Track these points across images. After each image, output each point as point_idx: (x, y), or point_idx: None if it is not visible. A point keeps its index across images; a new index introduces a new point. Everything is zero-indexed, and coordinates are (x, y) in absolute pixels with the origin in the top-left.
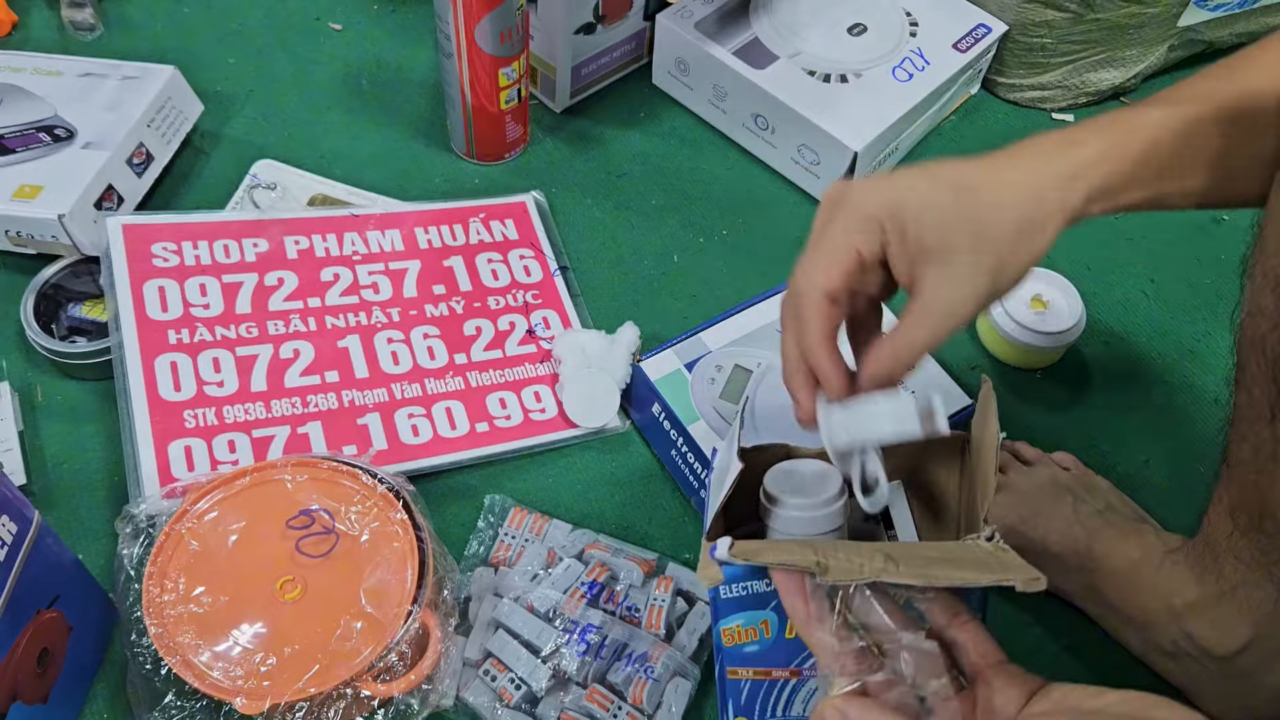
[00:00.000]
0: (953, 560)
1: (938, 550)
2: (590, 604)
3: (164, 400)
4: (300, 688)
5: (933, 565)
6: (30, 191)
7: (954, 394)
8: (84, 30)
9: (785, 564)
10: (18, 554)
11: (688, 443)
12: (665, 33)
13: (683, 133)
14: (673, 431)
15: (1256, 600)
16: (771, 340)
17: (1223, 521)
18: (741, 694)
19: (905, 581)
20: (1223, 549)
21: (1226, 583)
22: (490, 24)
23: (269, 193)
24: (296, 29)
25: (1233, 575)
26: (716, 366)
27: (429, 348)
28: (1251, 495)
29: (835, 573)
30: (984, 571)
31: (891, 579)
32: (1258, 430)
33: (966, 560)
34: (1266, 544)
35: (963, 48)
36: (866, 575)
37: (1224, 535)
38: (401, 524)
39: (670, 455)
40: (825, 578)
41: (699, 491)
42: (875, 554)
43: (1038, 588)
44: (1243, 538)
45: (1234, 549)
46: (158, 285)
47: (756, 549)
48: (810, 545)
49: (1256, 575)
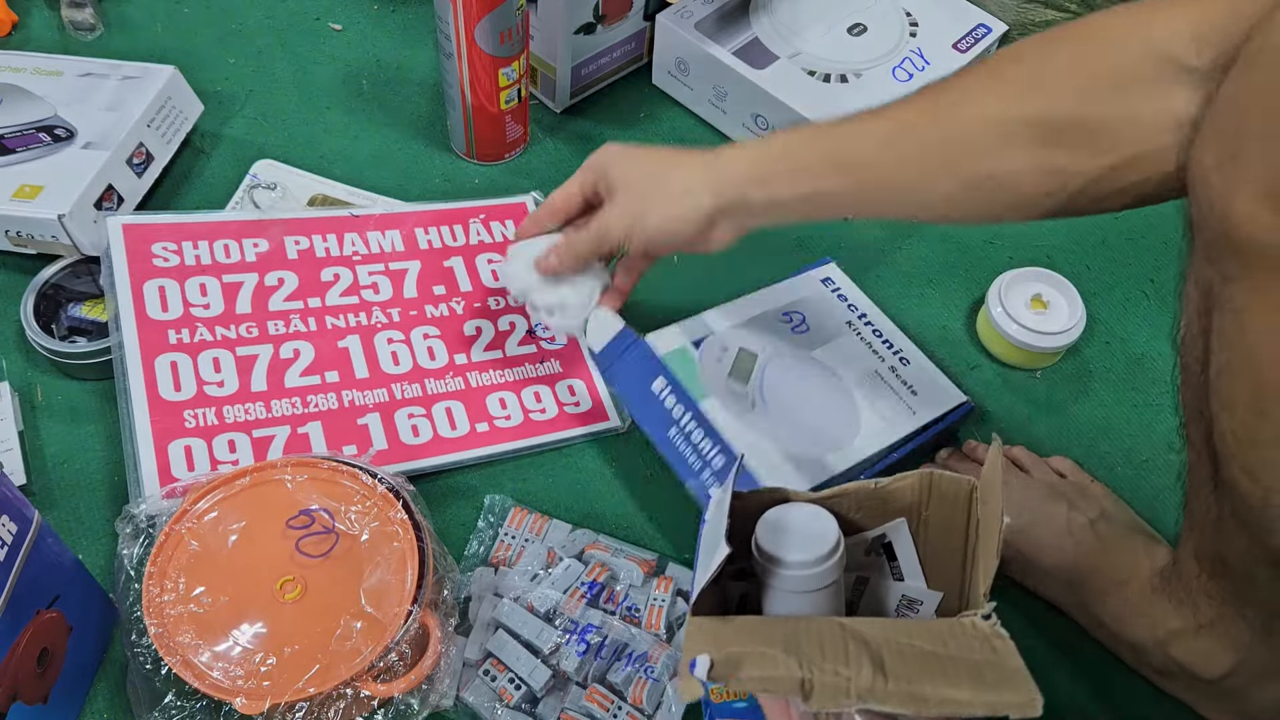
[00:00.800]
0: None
1: (933, 638)
2: (590, 604)
3: (164, 400)
4: (300, 688)
5: (926, 674)
6: (30, 191)
7: (951, 393)
8: (84, 30)
9: (768, 685)
10: (18, 554)
11: (695, 418)
12: (665, 33)
13: (683, 133)
14: (677, 408)
15: (1234, 634)
16: (772, 328)
17: (1190, 563)
18: None
19: (893, 710)
20: (1195, 588)
21: (1203, 617)
22: (490, 24)
23: (269, 193)
24: (296, 29)
25: (1208, 611)
26: (723, 347)
27: (429, 348)
28: (1210, 546)
29: (820, 696)
30: (976, 689)
31: (878, 705)
32: (1204, 494)
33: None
34: (1234, 588)
35: (963, 48)
36: (852, 699)
37: (1193, 576)
38: (401, 524)
39: (667, 436)
40: (809, 705)
41: (699, 474)
42: (864, 662)
43: (1031, 713)
44: (1211, 580)
45: (1205, 589)
46: (158, 285)
47: (735, 663)
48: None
49: (1229, 612)
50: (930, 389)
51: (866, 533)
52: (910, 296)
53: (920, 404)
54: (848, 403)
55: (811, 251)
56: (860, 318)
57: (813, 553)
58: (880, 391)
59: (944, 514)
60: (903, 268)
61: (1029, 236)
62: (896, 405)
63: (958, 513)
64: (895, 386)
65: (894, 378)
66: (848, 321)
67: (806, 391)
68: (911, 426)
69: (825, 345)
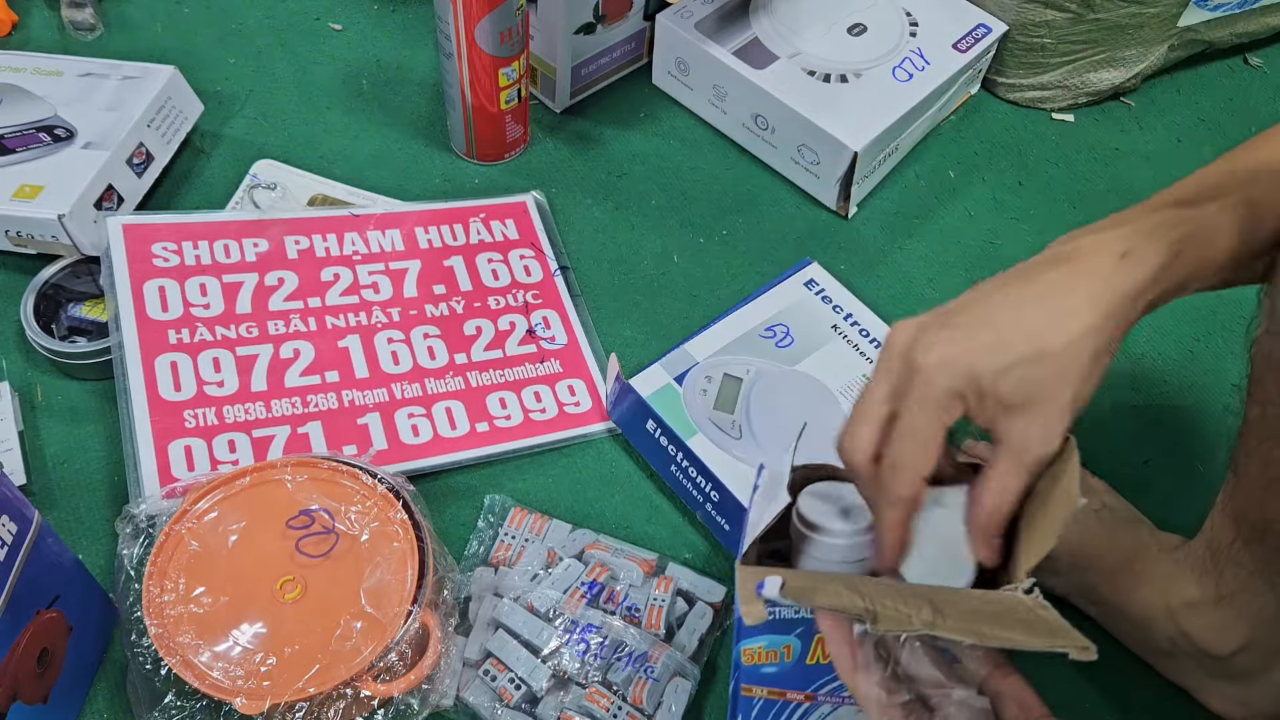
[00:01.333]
0: (996, 615)
1: (978, 600)
2: (590, 604)
3: (164, 400)
4: (300, 688)
5: (979, 620)
6: (30, 191)
7: None
8: (84, 30)
9: (835, 607)
10: (18, 554)
11: (688, 457)
12: (665, 33)
13: (682, 133)
14: (670, 447)
15: (1256, 607)
16: (754, 347)
17: (1226, 528)
18: (752, 711)
19: (956, 637)
20: (1224, 555)
21: (1226, 587)
22: (490, 24)
23: (269, 193)
24: (296, 29)
25: (1233, 581)
26: (706, 377)
27: (429, 348)
28: (1256, 509)
29: (885, 622)
30: (1032, 634)
31: (942, 632)
32: (1267, 449)
33: (1010, 617)
34: (1269, 556)
35: (963, 48)
36: (916, 626)
37: (1226, 542)
38: (401, 524)
39: (670, 471)
40: (875, 627)
41: (703, 505)
42: (921, 603)
43: (1089, 657)
44: (1245, 547)
45: (1235, 557)
46: (158, 285)
47: (806, 589)
48: (855, 587)
49: (1257, 584)
50: None
51: None
52: (910, 296)
53: None
54: (836, 415)
55: (804, 251)
56: (846, 319)
57: (855, 524)
58: None
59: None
60: (903, 268)
61: (1028, 236)
62: None
63: None
64: None
65: None
66: (833, 325)
67: (793, 410)
68: None
69: (811, 355)
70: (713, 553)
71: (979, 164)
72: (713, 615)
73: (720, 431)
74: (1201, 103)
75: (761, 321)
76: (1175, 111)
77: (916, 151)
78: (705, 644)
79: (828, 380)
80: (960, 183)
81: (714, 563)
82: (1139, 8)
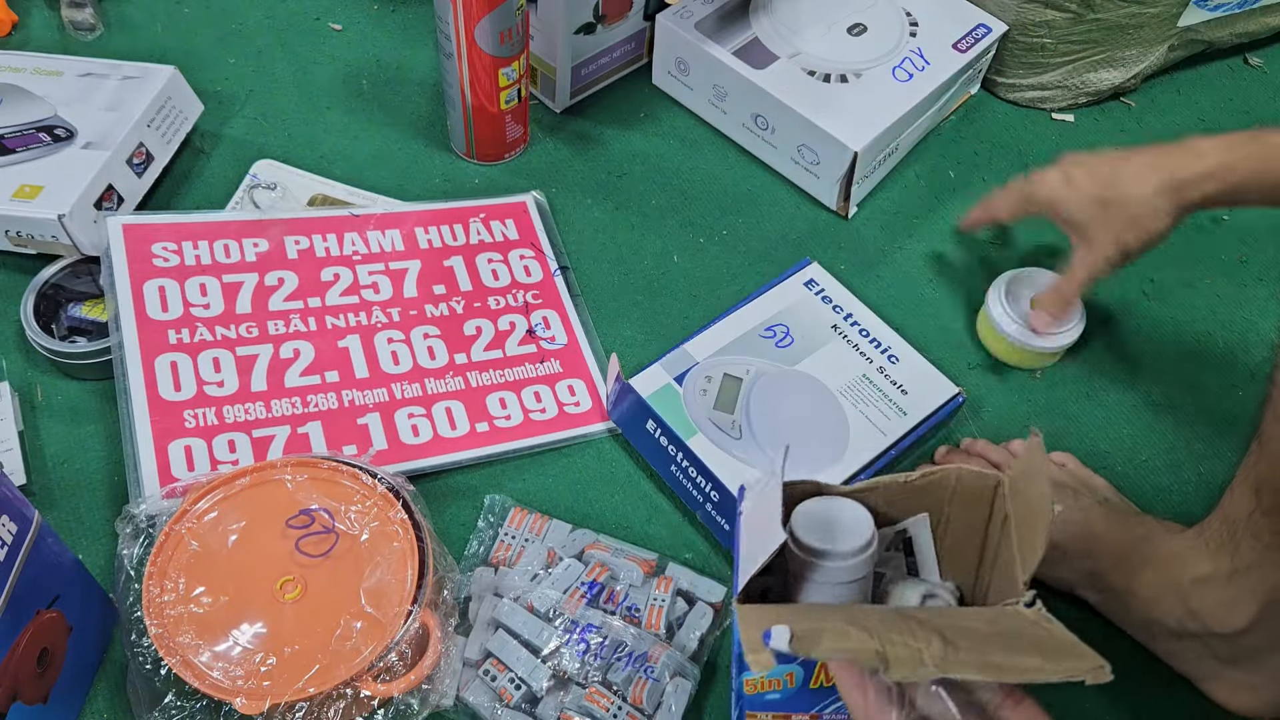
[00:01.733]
0: (1006, 639)
1: (985, 621)
2: (590, 604)
3: (164, 400)
4: (300, 688)
5: (991, 648)
6: (30, 191)
7: (942, 385)
8: (84, 30)
9: (849, 654)
10: (18, 554)
11: (688, 457)
12: (665, 33)
13: (682, 133)
14: (670, 447)
15: (1269, 582)
16: (754, 347)
17: (1246, 498)
18: None
19: (972, 677)
20: (1241, 527)
21: (1241, 561)
22: (490, 24)
23: (269, 193)
24: (296, 29)
25: (1248, 554)
26: (706, 377)
27: (429, 348)
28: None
29: (897, 665)
30: (1045, 658)
31: (955, 672)
32: None
33: (1020, 639)
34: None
35: (962, 48)
36: (929, 667)
37: (1245, 513)
38: (401, 524)
39: (670, 471)
40: (888, 674)
41: (703, 505)
42: (930, 635)
43: (1104, 678)
44: (1264, 517)
45: (1253, 528)
46: (158, 285)
47: (813, 634)
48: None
49: (1273, 556)
50: (921, 384)
51: (889, 527)
52: (910, 296)
53: (911, 403)
54: (837, 416)
55: (804, 251)
56: (846, 319)
57: (850, 544)
58: (870, 397)
59: (965, 510)
60: (903, 268)
61: (1029, 236)
62: (887, 409)
63: (979, 509)
64: (885, 389)
65: (883, 379)
66: (833, 325)
67: (793, 410)
68: (903, 429)
69: (811, 355)
70: (713, 553)
71: (979, 164)
72: (713, 615)
73: (720, 431)
74: (1201, 103)
75: (761, 321)
76: (1175, 111)
77: (916, 151)
78: (705, 644)
79: (828, 380)
80: (960, 183)
81: (714, 563)
82: (1139, 8)
